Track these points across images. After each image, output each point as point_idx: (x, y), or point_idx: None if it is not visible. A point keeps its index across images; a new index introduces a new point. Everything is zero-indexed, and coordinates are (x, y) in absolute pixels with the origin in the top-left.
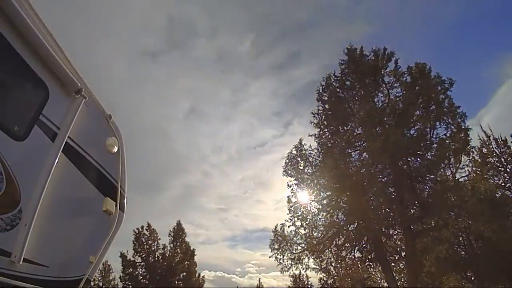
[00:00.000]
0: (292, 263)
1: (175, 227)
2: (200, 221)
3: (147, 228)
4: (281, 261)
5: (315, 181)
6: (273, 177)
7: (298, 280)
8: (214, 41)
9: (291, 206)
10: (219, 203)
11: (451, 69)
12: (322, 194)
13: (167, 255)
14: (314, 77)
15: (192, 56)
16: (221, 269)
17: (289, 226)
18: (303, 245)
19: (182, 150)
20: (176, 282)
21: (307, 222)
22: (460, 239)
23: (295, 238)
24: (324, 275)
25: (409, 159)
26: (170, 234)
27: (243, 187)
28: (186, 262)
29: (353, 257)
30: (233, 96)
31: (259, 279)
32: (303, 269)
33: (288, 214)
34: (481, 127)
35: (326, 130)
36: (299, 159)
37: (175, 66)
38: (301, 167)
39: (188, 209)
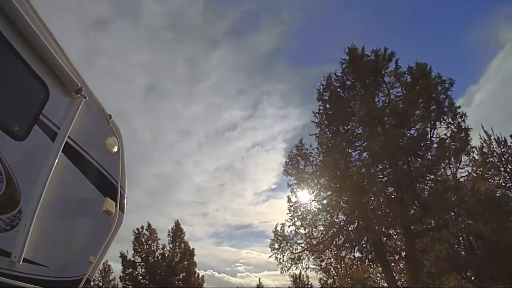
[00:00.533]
0: (292, 263)
1: (174, 227)
2: (180, 216)
3: (147, 228)
4: (281, 261)
5: (315, 181)
6: (248, 168)
7: (298, 280)
8: (163, 5)
9: (291, 206)
10: (196, 196)
11: (434, 43)
12: (322, 193)
13: (166, 255)
14: (276, 44)
15: (144, 24)
16: (210, 267)
17: (289, 226)
18: (303, 245)
19: (146, 136)
20: (176, 282)
21: (307, 222)
22: (460, 239)
23: (295, 238)
24: (324, 275)
25: (409, 159)
26: (169, 235)
27: (218, 178)
28: (186, 262)
29: (353, 257)
30: (192, 70)
31: (259, 278)
32: (303, 269)
33: (288, 213)
34: (482, 126)
35: (326, 129)
36: (299, 158)
37: (127, 37)
38: (302, 167)
39: (164, 203)
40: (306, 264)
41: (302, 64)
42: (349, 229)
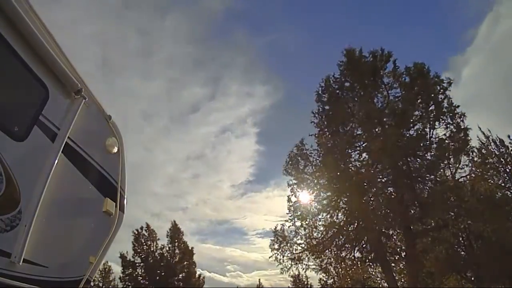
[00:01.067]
0: (292, 263)
1: (172, 228)
2: (159, 210)
3: (146, 228)
4: (281, 261)
5: (315, 181)
6: (221, 156)
7: (298, 280)
8: None
9: (291, 206)
10: (171, 188)
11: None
12: (322, 194)
13: (166, 255)
14: (229, 3)
15: None
16: (199, 266)
17: (289, 226)
18: (303, 245)
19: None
20: (176, 282)
21: (307, 222)
22: (460, 239)
23: (295, 239)
24: (324, 275)
25: (408, 159)
26: (167, 235)
27: (191, 167)
28: (185, 262)
29: (353, 257)
30: (144, 41)
31: (259, 279)
32: (303, 269)
33: (288, 214)
34: (480, 128)
35: (326, 130)
36: (299, 158)
37: (75, 6)
38: (301, 167)
39: (138, 195)
40: (306, 265)
41: (264, 32)
42: (349, 229)
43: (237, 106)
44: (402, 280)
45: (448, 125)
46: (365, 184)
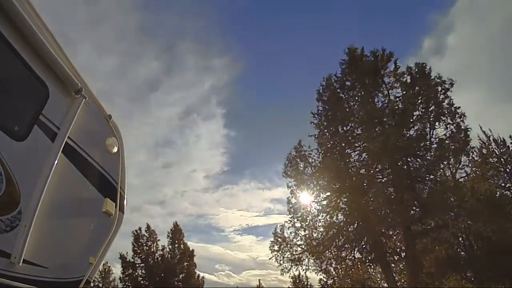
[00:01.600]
0: (292, 264)
1: (173, 228)
2: (137, 204)
3: (146, 229)
4: (281, 262)
5: (315, 182)
6: (190, 142)
7: (298, 281)
8: None
9: (290, 207)
10: (144, 179)
11: None
12: (321, 194)
13: (166, 256)
14: None
15: None
16: None
17: (289, 228)
18: (303, 246)
19: None
20: (176, 283)
21: (307, 223)
22: (460, 239)
23: (295, 239)
24: (324, 276)
25: (408, 159)
26: (168, 236)
27: (161, 155)
28: (186, 263)
29: (353, 258)
30: (92, 10)
31: (259, 279)
32: (303, 270)
33: (288, 215)
34: (481, 127)
35: (326, 130)
36: (298, 160)
37: None
38: (301, 168)
39: None
40: (306, 265)
41: None
42: (349, 229)
43: (197, 83)
44: (402, 280)
45: (448, 125)
46: (365, 184)
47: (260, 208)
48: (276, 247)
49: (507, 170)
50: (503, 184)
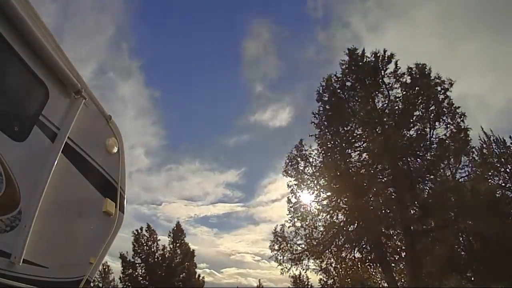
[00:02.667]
0: (292, 263)
1: (175, 228)
2: None
3: (146, 229)
4: (281, 261)
5: (315, 182)
6: (117, 113)
7: (298, 281)
8: None
9: (291, 207)
10: None
11: None
12: (322, 194)
13: (166, 256)
14: None
15: None
16: None
17: (289, 227)
18: (303, 245)
19: None
20: (176, 283)
21: (307, 223)
22: (460, 239)
23: (295, 239)
24: (324, 275)
25: (409, 159)
26: (169, 235)
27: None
28: (186, 263)
29: (353, 258)
30: None
31: (259, 279)
32: (303, 269)
33: (288, 214)
34: (482, 128)
35: (326, 130)
36: (299, 159)
37: None
38: (301, 168)
39: None
40: (306, 265)
41: None
42: (349, 229)
43: (99, 29)
44: (402, 280)
45: (448, 125)
46: (365, 184)
47: (214, 195)
48: (276, 247)
49: (507, 170)
50: (503, 184)
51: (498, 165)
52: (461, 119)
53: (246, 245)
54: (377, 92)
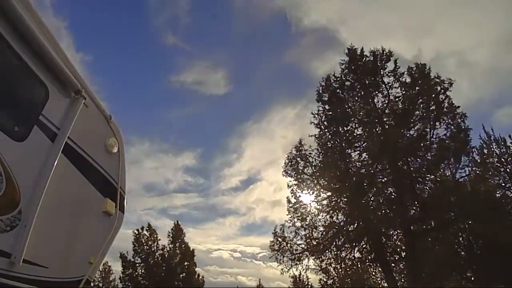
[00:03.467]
0: (292, 263)
1: (174, 228)
2: None
3: (147, 228)
4: (281, 261)
5: (315, 182)
6: None
7: (298, 281)
8: None
9: (290, 207)
10: None
11: None
12: (322, 194)
13: (166, 256)
14: None
15: None
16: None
17: (289, 227)
18: (303, 245)
19: None
20: (176, 282)
21: (307, 223)
22: (460, 239)
23: (295, 239)
24: (324, 275)
25: (409, 159)
26: (169, 235)
27: None
28: (186, 263)
29: (353, 258)
30: None
31: (259, 279)
32: (303, 269)
33: (287, 214)
34: (483, 126)
35: (326, 130)
36: (299, 159)
37: None
38: (301, 168)
39: None
40: (306, 265)
41: None
42: (349, 229)
43: None
44: (402, 280)
45: (449, 125)
46: (365, 184)
47: (175, 182)
48: (276, 247)
49: (507, 170)
50: (503, 184)
51: (498, 165)
52: (462, 119)
53: (217, 241)
54: (376, 92)
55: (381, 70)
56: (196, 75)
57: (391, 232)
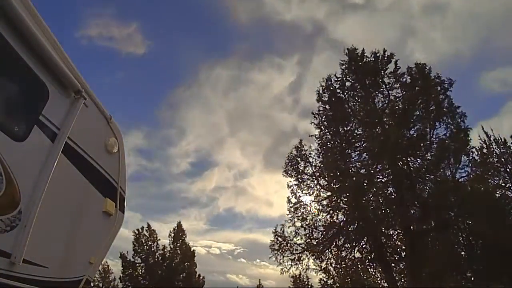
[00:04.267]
0: (292, 263)
1: (175, 228)
2: None
3: (147, 228)
4: (281, 261)
5: (315, 182)
6: None
7: (298, 281)
8: None
9: (291, 207)
10: None
11: None
12: (322, 194)
13: (167, 256)
14: None
15: None
16: None
17: (289, 227)
18: (303, 245)
19: None
20: (176, 283)
21: (307, 223)
22: (460, 239)
23: (295, 239)
24: (324, 275)
25: (409, 159)
26: (170, 235)
27: None
28: (186, 263)
29: (353, 258)
30: None
31: (259, 279)
32: (303, 269)
33: (288, 214)
34: (482, 127)
35: (326, 131)
36: (299, 159)
37: None
38: (301, 168)
39: None
40: (306, 265)
41: None
42: (349, 229)
43: None
44: (402, 280)
45: (449, 125)
46: (365, 184)
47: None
48: (276, 247)
49: (507, 170)
50: (503, 184)
51: (498, 165)
52: (461, 119)
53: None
54: (377, 92)
55: (382, 71)
56: (103, 29)
57: (391, 232)
